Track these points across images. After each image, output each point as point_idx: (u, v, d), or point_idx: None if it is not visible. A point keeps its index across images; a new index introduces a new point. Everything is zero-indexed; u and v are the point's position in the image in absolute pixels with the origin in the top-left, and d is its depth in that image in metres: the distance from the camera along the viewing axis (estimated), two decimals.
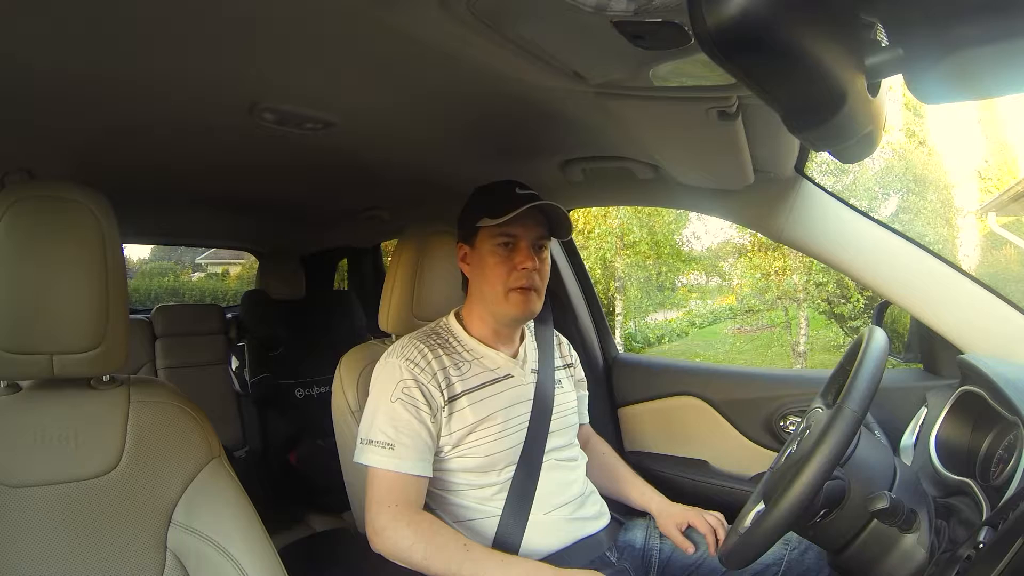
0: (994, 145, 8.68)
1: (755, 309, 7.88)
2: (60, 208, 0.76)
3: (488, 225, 1.01)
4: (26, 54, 0.71)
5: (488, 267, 1.03)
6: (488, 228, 1.02)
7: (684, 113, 0.80)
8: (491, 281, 1.03)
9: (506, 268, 1.02)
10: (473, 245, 1.05)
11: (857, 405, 0.71)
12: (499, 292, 1.02)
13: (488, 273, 1.03)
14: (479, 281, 1.05)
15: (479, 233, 1.04)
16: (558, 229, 1.06)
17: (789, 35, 0.33)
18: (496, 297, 1.03)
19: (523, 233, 1.02)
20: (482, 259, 1.04)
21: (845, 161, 0.61)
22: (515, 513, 1.00)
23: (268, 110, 0.92)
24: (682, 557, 1.08)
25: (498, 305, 1.03)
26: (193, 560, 0.79)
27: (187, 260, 12.04)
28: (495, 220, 1.00)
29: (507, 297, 1.02)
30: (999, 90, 0.46)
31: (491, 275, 1.02)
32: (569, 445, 1.11)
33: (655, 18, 0.54)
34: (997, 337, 1.06)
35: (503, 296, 1.02)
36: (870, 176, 8.00)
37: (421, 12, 0.59)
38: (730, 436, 1.42)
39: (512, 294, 1.02)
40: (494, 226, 1.01)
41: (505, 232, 1.02)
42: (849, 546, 0.77)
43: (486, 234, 1.03)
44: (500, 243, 1.02)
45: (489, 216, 1.01)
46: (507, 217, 0.98)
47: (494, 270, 1.02)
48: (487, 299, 1.05)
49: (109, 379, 0.84)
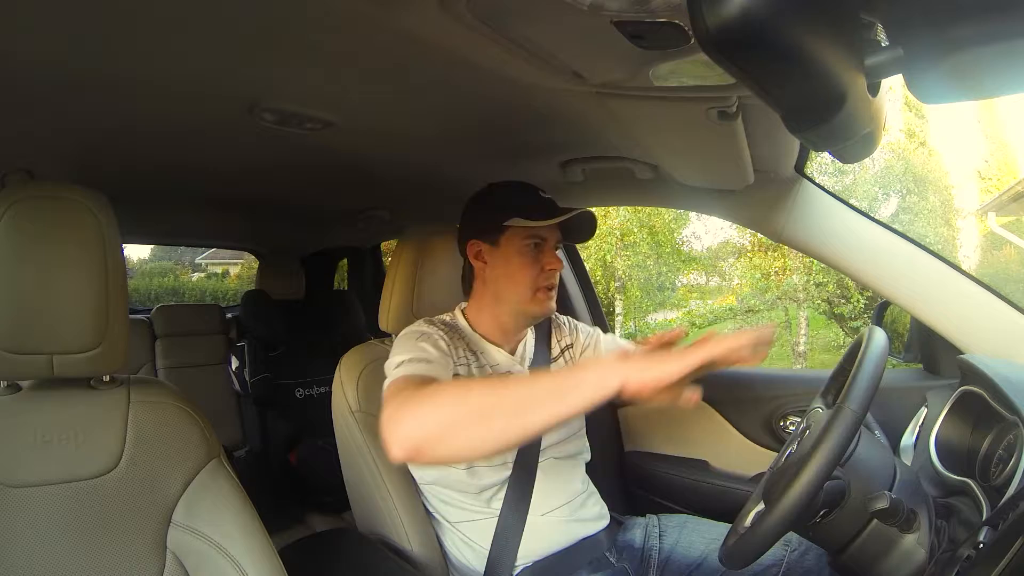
0: (994, 145, 8.68)
1: (755, 309, 7.87)
2: (60, 208, 0.76)
3: (521, 226, 1.02)
4: (26, 54, 0.71)
5: (515, 267, 1.03)
6: (519, 229, 1.03)
7: (684, 113, 0.80)
8: (518, 280, 1.03)
9: (535, 269, 1.03)
10: (497, 244, 1.05)
11: (857, 405, 0.71)
12: (526, 291, 1.03)
13: (515, 273, 1.03)
14: (501, 280, 1.05)
15: (506, 233, 1.04)
16: (574, 234, 1.09)
17: (789, 35, 0.33)
18: (522, 296, 1.03)
19: (550, 236, 1.05)
20: (507, 258, 1.04)
21: (845, 161, 0.61)
22: (513, 513, 0.99)
23: (268, 110, 0.92)
24: (682, 557, 1.08)
25: (523, 304, 1.04)
26: (193, 560, 0.79)
27: (187, 260, 12.05)
28: (533, 223, 1.01)
29: (535, 296, 1.03)
30: (999, 90, 0.46)
31: (519, 275, 1.03)
32: (568, 439, 1.10)
33: (655, 18, 0.54)
34: (997, 337, 1.06)
35: (530, 295, 1.03)
36: (870, 176, 8.01)
37: (421, 12, 0.59)
38: (730, 436, 1.42)
39: (539, 293, 1.04)
40: (527, 228, 1.02)
41: (537, 235, 1.03)
42: (849, 546, 0.77)
43: (516, 234, 1.03)
44: (530, 244, 1.03)
45: (523, 217, 1.01)
46: (551, 222, 1.01)
47: (522, 270, 1.03)
48: (508, 298, 1.05)
49: (109, 379, 0.83)
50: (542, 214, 1.01)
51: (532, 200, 1.04)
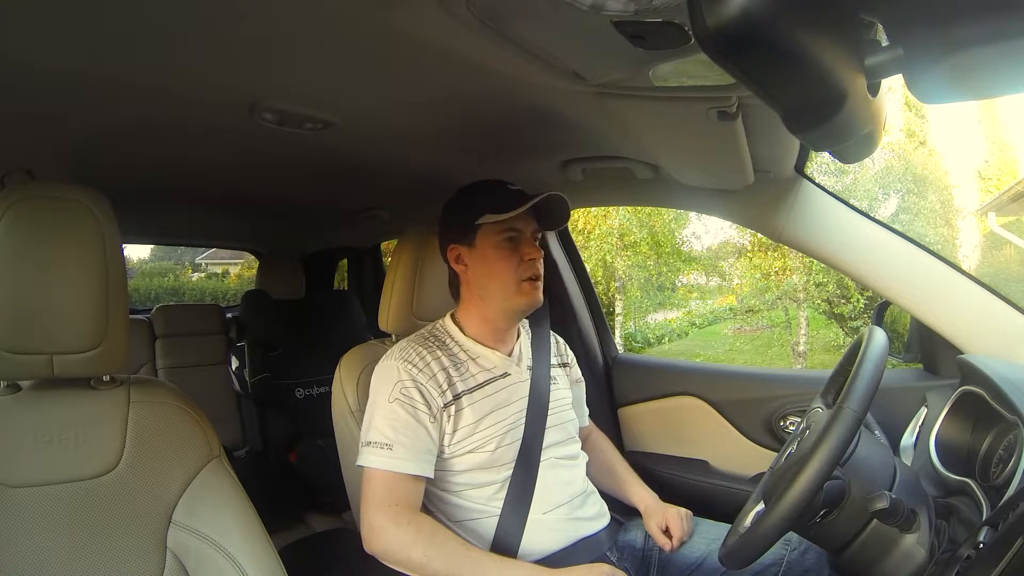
0: (994, 145, 8.67)
1: (755, 309, 7.88)
2: (60, 208, 0.76)
3: (492, 221, 1.02)
4: (26, 54, 0.71)
5: (494, 263, 1.03)
6: (491, 225, 1.03)
7: (684, 113, 0.80)
8: (499, 275, 1.03)
9: (513, 261, 1.03)
10: (473, 244, 1.05)
11: (857, 405, 0.71)
12: (509, 285, 1.03)
13: (495, 269, 1.03)
14: (483, 279, 1.05)
15: (480, 231, 1.04)
16: (550, 221, 1.09)
17: (789, 35, 0.33)
18: (505, 291, 1.03)
19: (524, 227, 1.05)
20: (485, 256, 1.04)
21: (845, 161, 0.61)
22: (514, 512, 1.00)
23: (268, 110, 0.92)
24: (682, 557, 1.08)
25: (508, 299, 1.04)
26: (193, 560, 0.79)
27: (187, 260, 12.05)
28: (501, 216, 1.01)
29: (519, 288, 1.03)
30: (999, 90, 0.46)
31: (498, 269, 1.03)
32: (567, 442, 1.11)
33: (655, 18, 0.54)
34: (997, 337, 1.06)
35: (514, 288, 1.03)
36: (870, 176, 8.00)
37: (421, 12, 0.59)
38: (730, 436, 1.42)
39: (523, 284, 1.04)
40: (499, 222, 1.02)
41: (511, 227, 1.03)
42: (849, 546, 0.77)
43: (490, 231, 1.04)
44: (505, 238, 1.03)
45: (493, 212, 1.02)
46: (518, 211, 1.00)
47: (501, 264, 1.03)
48: (493, 295, 1.05)
49: (109, 379, 0.84)
50: (511, 206, 1.01)
51: (500, 194, 1.04)
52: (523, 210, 1.01)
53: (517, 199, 1.02)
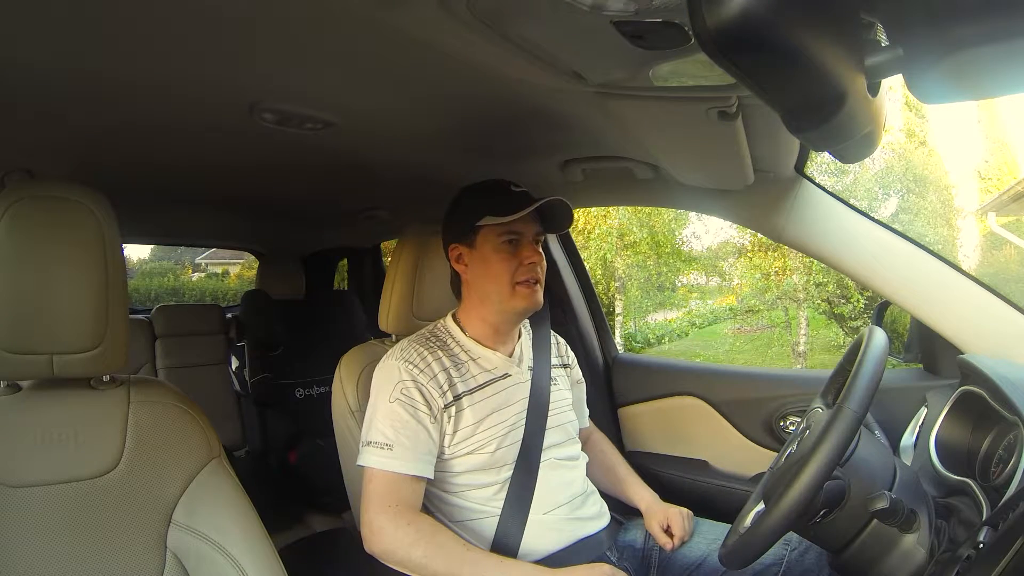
0: (994, 145, 8.67)
1: (755, 309, 7.87)
2: (60, 208, 0.76)
3: (492, 223, 1.02)
4: (26, 54, 0.71)
5: (492, 264, 1.03)
6: (492, 227, 1.03)
7: (684, 113, 0.80)
8: (497, 277, 1.03)
9: (512, 264, 1.03)
10: (473, 245, 1.05)
11: (857, 405, 0.71)
12: (506, 287, 1.03)
13: (493, 270, 1.03)
14: (481, 280, 1.05)
15: (480, 232, 1.04)
16: (553, 224, 1.08)
17: (789, 35, 0.33)
18: (502, 293, 1.03)
19: (525, 229, 1.04)
20: (485, 257, 1.04)
21: (845, 161, 0.61)
22: (514, 512, 1.00)
23: (268, 110, 0.92)
24: (682, 557, 1.08)
25: (505, 301, 1.04)
26: (193, 560, 0.79)
27: (187, 260, 12.05)
28: (502, 219, 1.01)
29: (514, 291, 1.03)
30: (999, 90, 0.46)
31: (497, 271, 1.03)
32: (567, 442, 1.11)
33: (655, 18, 0.54)
34: (997, 337, 1.06)
35: (510, 291, 1.03)
36: (870, 176, 8.00)
37: (421, 12, 0.59)
38: (730, 436, 1.42)
39: (519, 287, 1.03)
40: (499, 224, 1.02)
41: (511, 230, 1.03)
42: (849, 546, 0.77)
43: (490, 232, 1.03)
44: (505, 240, 1.03)
45: (493, 215, 1.01)
46: (519, 215, 1.00)
47: (499, 266, 1.03)
48: (491, 297, 1.05)
49: (109, 379, 0.84)
50: (512, 209, 1.00)
51: (502, 196, 1.03)
52: (523, 215, 1.00)
53: (519, 201, 1.01)
